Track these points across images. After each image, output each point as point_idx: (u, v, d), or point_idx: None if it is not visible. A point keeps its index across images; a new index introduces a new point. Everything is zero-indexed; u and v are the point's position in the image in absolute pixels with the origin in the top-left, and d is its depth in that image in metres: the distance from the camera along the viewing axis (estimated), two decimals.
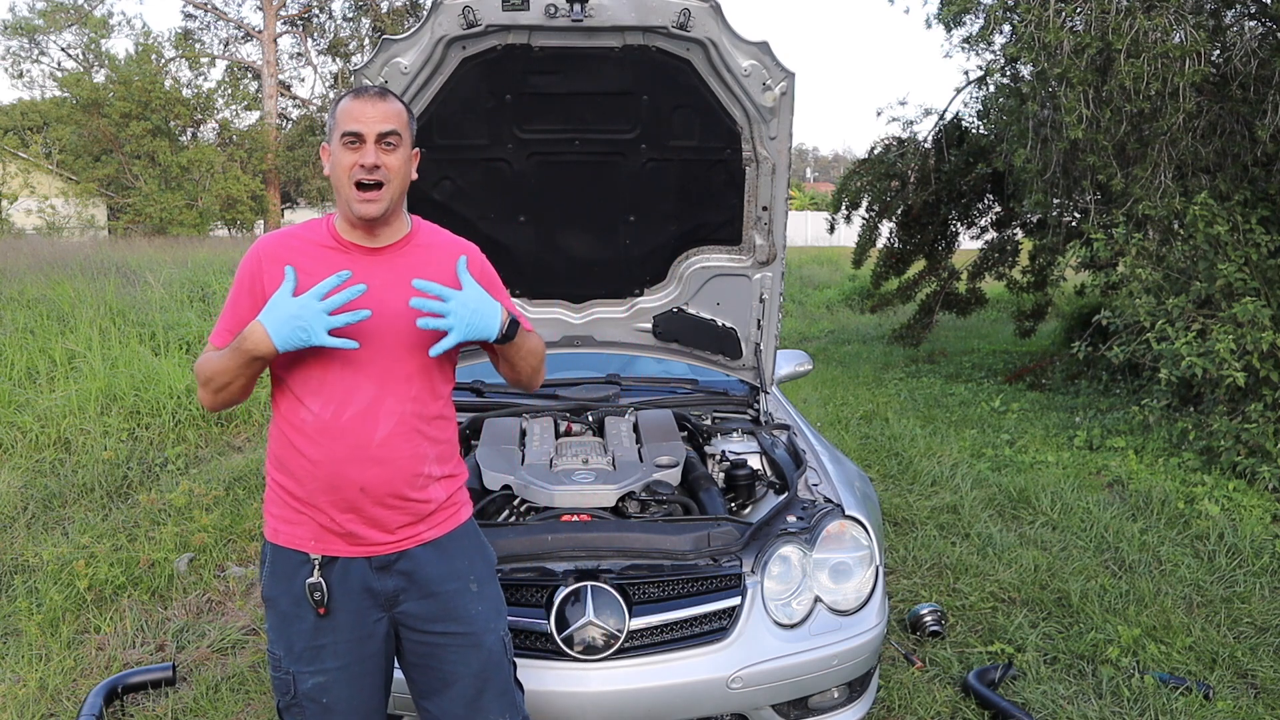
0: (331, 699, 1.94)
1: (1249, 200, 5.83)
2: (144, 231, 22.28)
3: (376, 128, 1.84)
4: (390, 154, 1.86)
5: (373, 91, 1.88)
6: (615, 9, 2.66)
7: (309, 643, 1.93)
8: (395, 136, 1.86)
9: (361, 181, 1.85)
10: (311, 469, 1.88)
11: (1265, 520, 4.78)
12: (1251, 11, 6.22)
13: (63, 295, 8.72)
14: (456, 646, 1.98)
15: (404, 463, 1.91)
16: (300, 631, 1.93)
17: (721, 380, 3.76)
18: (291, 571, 1.93)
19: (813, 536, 2.60)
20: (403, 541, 1.94)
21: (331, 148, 1.89)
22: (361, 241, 1.93)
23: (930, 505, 5.15)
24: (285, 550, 1.94)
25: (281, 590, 1.94)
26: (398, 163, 1.88)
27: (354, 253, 1.92)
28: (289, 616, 1.94)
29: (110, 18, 29.21)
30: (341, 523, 1.90)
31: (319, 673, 1.93)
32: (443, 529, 2.00)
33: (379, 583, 1.94)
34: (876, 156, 10.63)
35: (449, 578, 1.98)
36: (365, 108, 1.85)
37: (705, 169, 3.09)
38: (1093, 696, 3.22)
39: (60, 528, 4.74)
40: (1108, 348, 6.14)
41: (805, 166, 55.91)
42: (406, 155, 1.91)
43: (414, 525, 1.95)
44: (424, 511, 1.96)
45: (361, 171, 1.83)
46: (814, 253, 25.29)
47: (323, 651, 1.93)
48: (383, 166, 1.85)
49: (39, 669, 3.33)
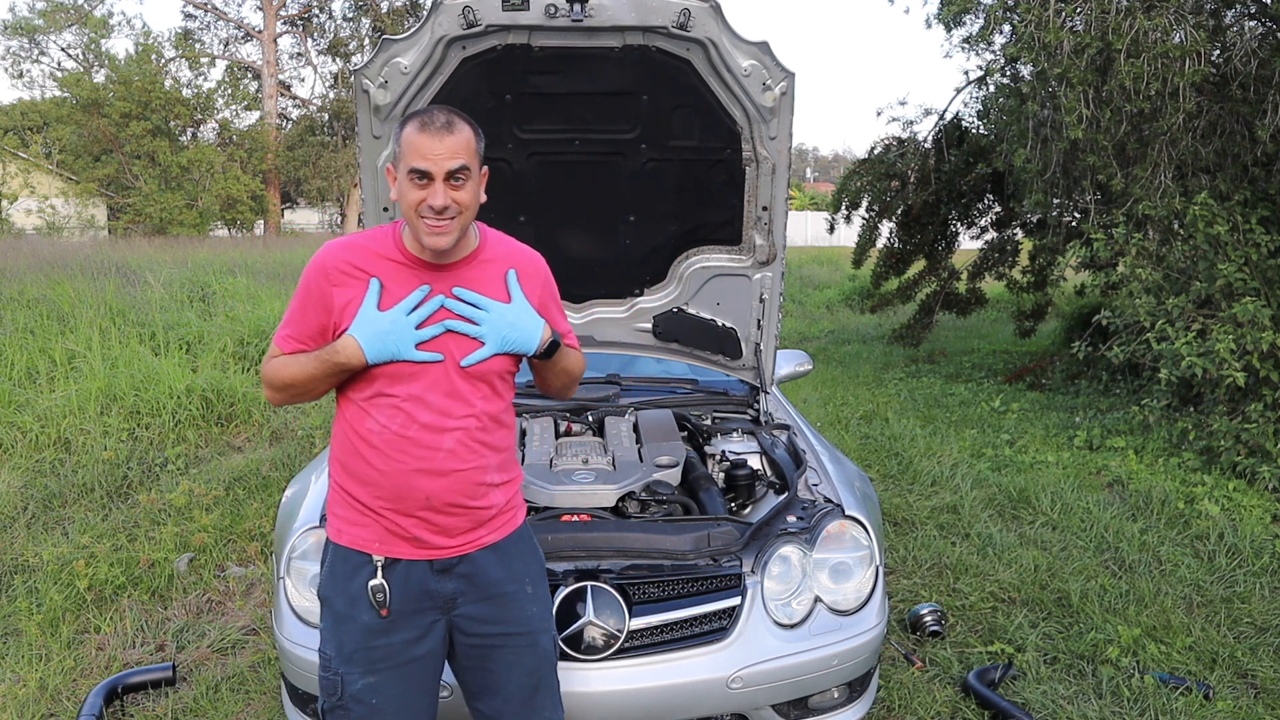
0: (381, 700, 1.94)
1: (1249, 200, 5.83)
2: (144, 231, 22.30)
3: (445, 165, 1.79)
4: (459, 190, 1.82)
5: (439, 124, 1.80)
6: (615, 9, 2.66)
7: (362, 644, 1.94)
8: (465, 171, 1.81)
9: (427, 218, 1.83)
10: (378, 478, 1.90)
11: (1265, 520, 4.78)
12: (1251, 11, 6.22)
13: (63, 295, 8.72)
14: (513, 647, 2.01)
15: (468, 473, 1.93)
16: (353, 632, 1.94)
17: (721, 380, 3.76)
18: (351, 572, 1.94)
19: (813, 536, 2.60)
20: (464, 546, 1.97)
21: (398, 175, 1.84)
22: (428, 258, 1.91)
23: (930, 505, 5.15)
24: (347, 551, 1.95)
25: (338, 590, 1.96)
26: (468, 197, 1.84)
27: (419, 268, 1.92)
28: (342, 617, 1.95)
29: (110, 18, 29.29)
30: (406, 527, 1.92)
31: (370, 673, 1.94)
32: (501, 533, 2.02)
33: (439, 585, 1.96)
34: (876, 156, 10.63)
35: (507, 580, 2.01)
36: (433, 144, 1.78)
37: (705, 169, 3.09)
38: (1093, 696, 3.22)
39: (60, 528, 4.74)
40: (1108, 348, 6.14)
41: (805, 166, 55.94)
42: (476, 183, 1.87)
43: (475, 530, 1.97)
44: (485, 517, 1.98)
45: (430, 211, 1.81)
46: (814, 253, 25.31)
47: (375, 652, 1.93)
48: (452, 204, 1.81)
49: (39, 669, 3.33)
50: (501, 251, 2.02)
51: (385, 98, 2.75)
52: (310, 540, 2.58)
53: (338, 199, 30.42)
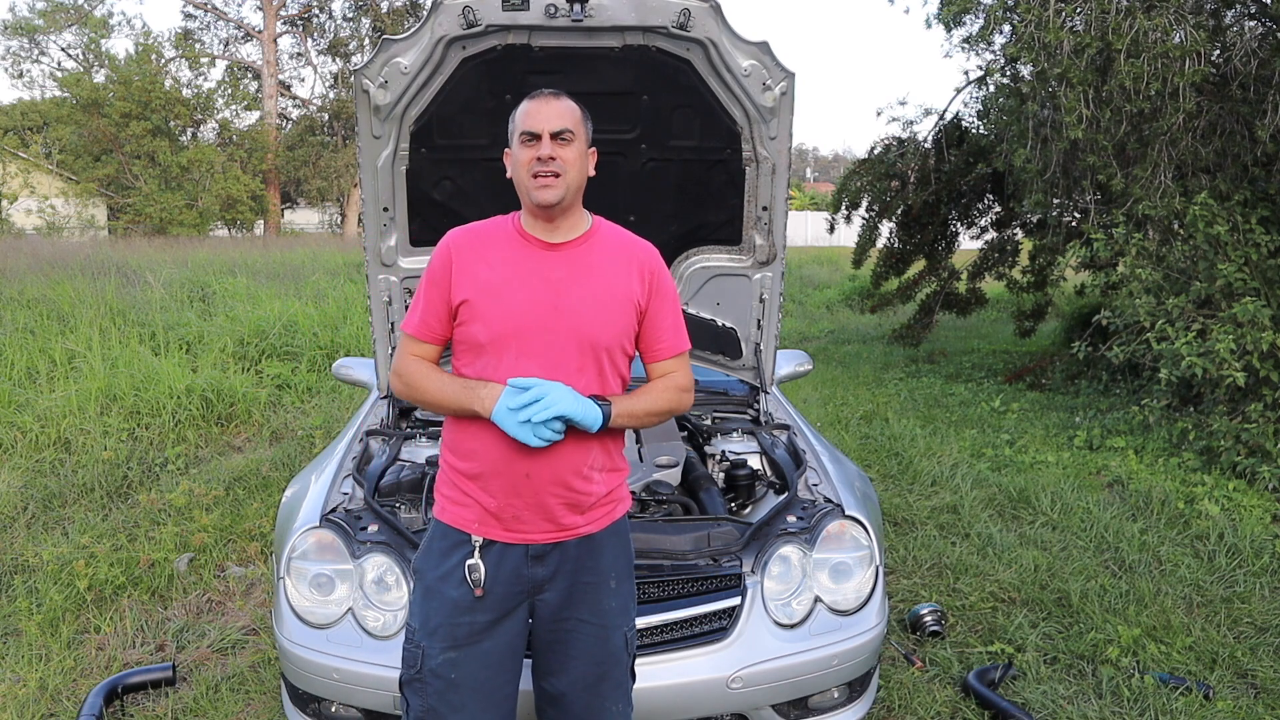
0: (460, 675, 1.98)
1: (1249, 200, 5.83)
2: (144, 231, 22.31)
3: (551, 125, 1.93)
4: (565, 148, 1.94)
5: (547, 92, 1.97)
6: (615, 9, 2.66)
7: (447, 619, 1.98)
8: (569, 133, 1.94)
9: (538, 173, 1.92)
10: (483, 452, 1.96)
11: (1265, 520, 4.78)
12: (1251, 11, 6.22)
13: (63, 295, 8.73)
14: (586, 635, 2.05)
15: (568, 454, 1.96)
16: (440, 607, 1.99)
17: (721, 380, 3.75)
18: (448, 549, 2.00)
19: (813, 536, 2.60)
20: (560, 533, 2.00)
21: (512, 150, 1.99)
22: (543, 236, 2.00)
23: (930, 505, 5.15)
24: (447, 528, 2.02)
25: (432, 565, 2.02)
26: (573, 156, 1.95)
27: (535, 246, 1.99)
28: (432, 591, 2.01)
29: (110, 18, 29.28)
30: (505, 507, 1.96)
31: (451, 649, 1.97)
32: (599, 524, 2.05)
33: (530, 570, 2.00)
34: (876, 156, 10.63)
35: (594, 571, 2.05)
36: (540, 107, 1.94)
37: (705, 169, 3.09)
38: (1093, 696, 3.21)
39: (60, 528, 4.74)
40: (1108, 348, 6.14)
41: (805, 166, 55.93)
42: (582, 151, 1.99)
43: (573, 517, 2.00)
44: (585, 504, 2.01)
45: (538, 164, 1.92)
46: (814, 253, 25.30)
47: (459, 629, 1.98)
48: (558, 159, 1.92)
49: (39, 669, 3.33)
50: (613, 238, 2.08)
51: (385, 98, 2.75)
52: (310, 540, 2.58)
53: (338, 199, 30.41)
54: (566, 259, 1.99)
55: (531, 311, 1.94)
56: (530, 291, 1.95)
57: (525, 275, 1.96)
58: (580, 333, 1.96)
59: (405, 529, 2.52)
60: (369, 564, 2.50)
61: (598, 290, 1.98)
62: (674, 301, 2.12)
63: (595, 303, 1.97)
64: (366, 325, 6.10)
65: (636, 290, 2.02)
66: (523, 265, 1.97)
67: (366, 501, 2.67)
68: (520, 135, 1.94)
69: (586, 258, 2.00)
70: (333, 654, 2.42)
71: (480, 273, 1.97)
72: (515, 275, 1.96)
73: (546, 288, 1.95)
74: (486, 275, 1.96)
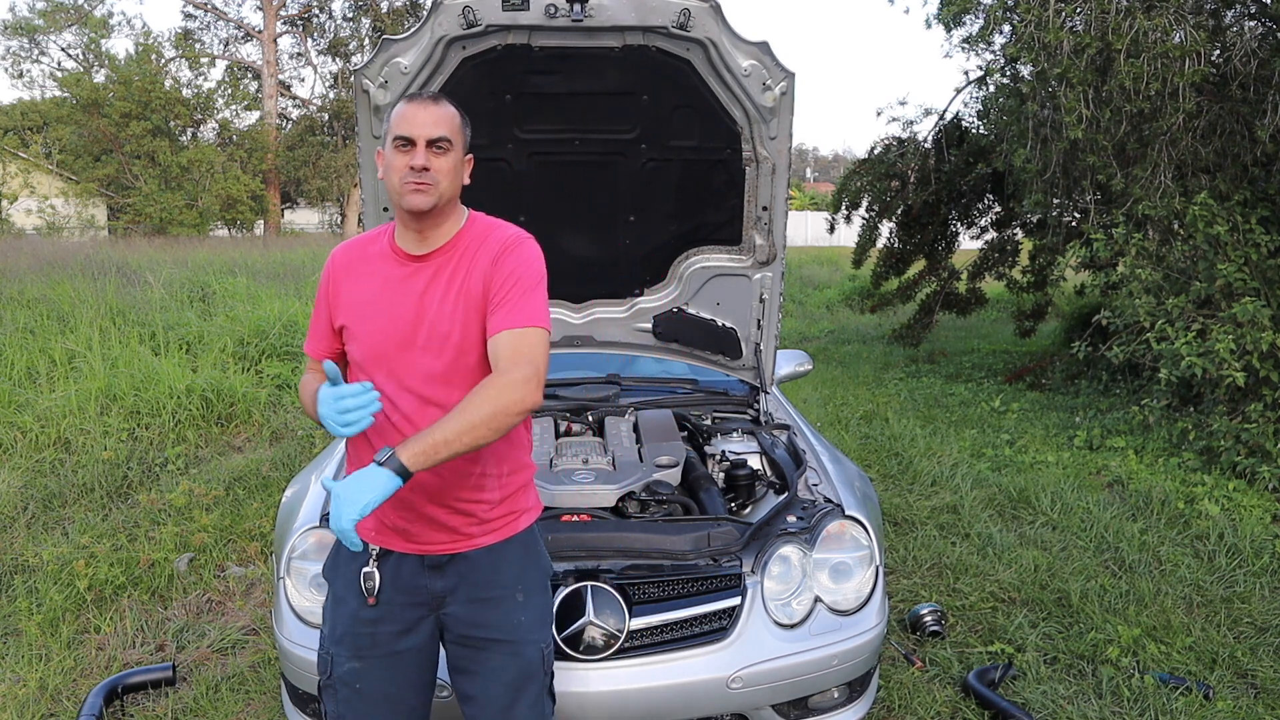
0: (365, 686, 1.97)
1: (1249, 200, 5.83)
2: (144, 231, 22.29)
3: (427, 132, 1.87)
4: (440, 157, 1.88)
5: (426, 97, 1.92)
6: (615, 9, 2.66)
7: (350, 628, 1.97)
8: (445, 142, 1.88)
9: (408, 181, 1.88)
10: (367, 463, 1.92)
11: (1265, 520, 4.78)
12: (1251, 11, 6.22)
13: (63, 295, 8.72)
14: (495, 653, 1.99)
15: (450, 468, 1.90)
16: (344, 615, 1.98)
17: (721, 380, 3.75)
18: (350, 557, 1.99)
19: (813, 536, 2.60)
20: (457, 543, 1.97)
21: (385, 152, 1.93)
22: (410, 249, 1.96)
23: (930, 505, 5.15)
24: None
25: (337, 573, 2.02)
26: (448, 165, 1.89)
27: (402, 259, 1.97)
28: (339, 599, 2.01)
29: (110, 18, 29.26)
30: (395, 520, 1.94)
31: (355, 658, 1.97)
32: (498, 535, 2.00)
33: (429, 581, 1.97)
34: (876, 156, 10.63)
35: (497, 585, 1.99)
36: (417, 112, 1.88)
37: (705, 169, 3.09)
38: (1093, 696, 3.21)
39: (60, 528, 4.74)
40: (1108, 348, 6.14)
41: (805, 166, 55.92)
42: (458, 160, 1.93)
43: (470, 527, 1.97)
44: (481, 514, 1.97)
45: (411, 174, 1.86)
46: (814, 253, 25.30)
47: (361, 639, 1.97)
48: (432, 169, 1.87)
49: (39, 669, 3.33)
50: (478, 236, 1.97)
51: (385, 98, 2.76)
52: (310, 540, 2.58)
53: (338, 199, 30.40)
54: (431, 268, 1.94)
55: (395, 327, 1.91)
56: (394, 307, 1.92)
57: (391, 291, 1.94)
58: (445, 342, 1.91)
59: None
60: None
61: (456, 294, 1.91)
62: (516, 279, 1.90)
63: (455, 308, 1.90)
64: None
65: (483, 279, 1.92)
66: (390, 281, 1.95)
67: None
68: (394, 140, 1.88)
69: (450, 263, 1.94)
70: None
71: (354, 292, 1.97)
72: (382, 292, 1.94)
73: (410, 300, 1.91)
74: (358, 294, 1.96)
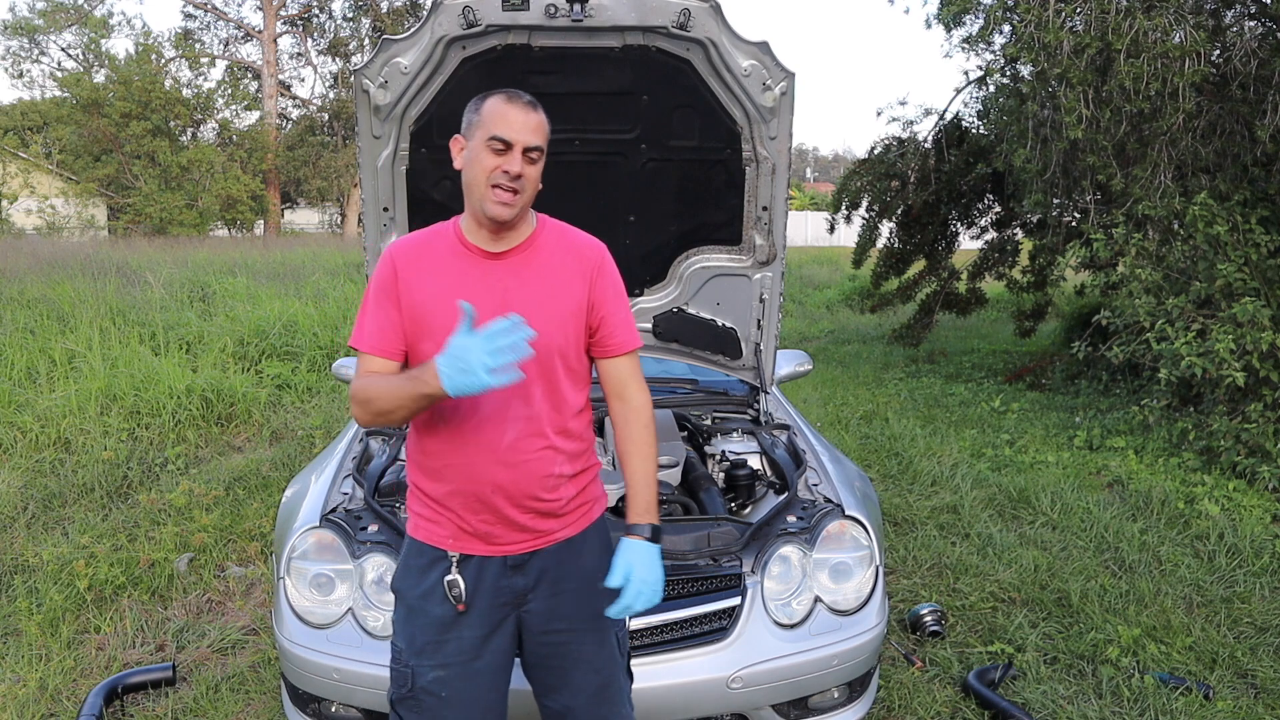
0: (451, 693, 1.96)
1: (1249, 200, 5.83)
2: (144, 231, 22.31)
3: (526, 139, 1.84)
4: (531, 166, 1.87)
5: (526, 100, 1.87)
6: (615, 9, 2.66)
7: (433, 637, 1.95)
8: (538, 151, 1.87)
9: (500, 185, 1.85)
10: (447, 472, 1.93)
11: (1265, 520, 4.78)
12: (1251, 11, 6.22)
13: (63, 295, 8.73)
14: (580, 643, 2.01)
15: (533, 465, 1.93)
16: (425, 625, 1.96)
17: (721, 380, 3.75)
18: (426, 566, 1.97)
19: (813, 536, 2.60)
20: (537, 541, 1.98)
21: (470, 144, 1.88)
22: (484, 245, 1.93)
23: (930, 505, 5.15)
24: (423, 545, 1.98)
25: (411, 584, 1.99)
26: (536, 175, 1.89)
27: (477, 255, 1.94)
28: (415, 610, 1.97)
29: (110, 18, 29.33)
30: (476, 524, 1.94)
31: (440, 666, 1.95)
32: (575, 528, 2.03)
33: (511, 581, 1.97)
34: (876, 156, 10.63)
35: (577, 575, 2.01)
36: (520, 115, 1.84)
37: (705, 169, 3.09)
38: (1093, 696, 3.21)
39: (60, 528, 4.74)
40: (1108, 348, 6.14)
41: (805, 166, 55.94)
42: (541, 169, 1.92)
43: (548, 522, 1.98)
44: (558, 510, 1.99)
45: (504, 178, 1.83)
46: (814, 253, 25.31)
47: (446, 646, 1.95)
48: (524, 177, 1.85)
49: (39, 669, 3.33)
50: (557, 238, 2.00)
51: (385, 98, 2.75)
52: (310, 540, 2.58)
53: (338, 199, 30.41)
54: (510, 266, 1.93)
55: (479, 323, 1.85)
56: (476, 303, 1.85)
57: (470, 286, 1.89)
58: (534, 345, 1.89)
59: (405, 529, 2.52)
60: (369, 564, 2.50)
61: (544, 295, 1.92)
62: (622, 297, 2.03)
63: (542, 308, 1.91)
64: None
65: (581, 290, 1.96)
66: (468, 276, 1.91)
67: (366, 501, 2.67)
68: (489, 138, 1.83)
69: (531, 262, 1.95)
70: (333, 654, 2.42)
71: (426, 286, 1.91)
72: (461, 286, 1.89)
73: (492, 297, 1.89)
74: (432, 291, 1.90)
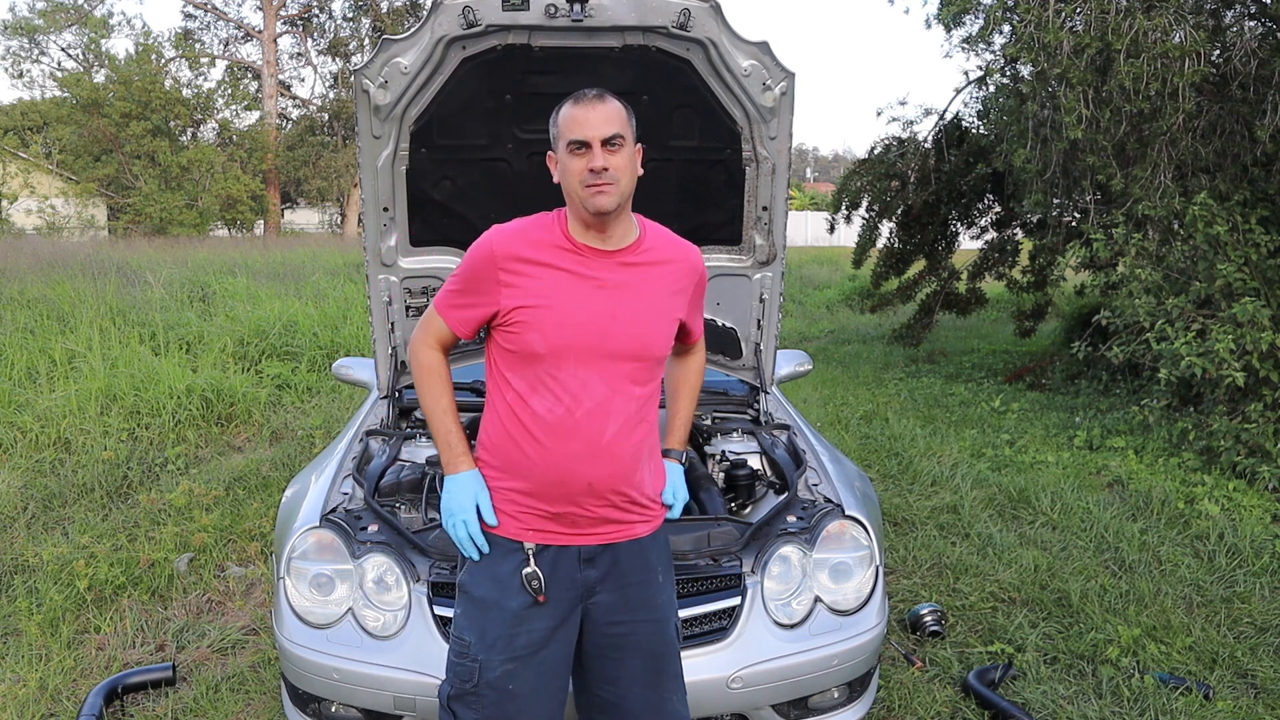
0: (518, 685, 1.96)
1: (1249, 200, 5.83)
2: (144, 231, 22.32)
3: (600, 132, 1.87)
4: (615, 154, 1.89)
5: (591, 95, 1.90)
6: (615, 9, 2.66)
7: (505, 631, 1.96)
8: (619, 138, 1.89)
9: (591, 184, 1.88)
10: (536, 466, 1.94)
11: (1265, 520, 4.78)
12: (1251, 11, 6.22)
13: (63, 295, 8.73)
14: (640, 634, 2.04)
15: (628, 458, 1.97)
16: (496, 620, 1.96)
17: (721, 380, 3.75)
18: (498, 558, 1.98)
19: (813, 536, 2.60)
20: (619, 532, 2.01)
21: (559, 156, 1.93)
22: (595, 244, 1.96)
23: (930, 505, 5.15)
24: (495, 536, 1.99)
25: (483, 576, 1.99)
26: (624, 161, 1.91)
27: (587, 254, 1.96)
28: (488, 604, 1.98)
29: (110, 18, 29.31)
30: (561, 514, 1.96)
31: (511, 660, 1.95)
32: (649, 527, 2.07)
33: (583, 573, 2.00)
34: (876, 156, 10.63)
35: (644, 569, 2.05)
36: (588, 113, 1.88)
37: (705, 169, 3.09)
38: (1093, 696, 3.21)
39: (60, 528, 4.74)
40: (1108, 348, 6.14)
41: (805, 166, 55.95)
42: (631, 153, 1.94)
43: (631, 517, 2.01)
44: (643, 502, 2.03)
45: (591, 176, 1.87)
46: (814, 253, 25.31)
47: (517, 639, 1.96)
48: (610, 168, 1.88)
49: (39, 669, 3.33)
50: (662, 242, 2.06)
51: (385, 98, 2.75)
52: (310, 540, 2.57)
53: (338, 199, 30.41)
54: (620, 267, 1.97)
55: (590, 323, 1.91)
56: (587, 302, 1.92)
57: (580, 285, 1.93)
58: (636, 343, 1.96)
59: (405, 529, 2.52)
60: (369, 564, 2.50)
61: (651, 299, 1.98)
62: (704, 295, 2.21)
63: (650, 312, 1.97)
64: (366, 325, 6.10)
65: (684, 300, 2.07)
66: (578, 274, 1.94)
67: (366, 501, 2.67)
68: (568, 144, 1.89)
69: (639, 265, 1.99)
70: (333, 654, 2.42)
71: (533, 280, 1.93)
72: (571, 285, 1.93)
73: (603, 297, 1.93)
74: (539, 284, 1.92)
